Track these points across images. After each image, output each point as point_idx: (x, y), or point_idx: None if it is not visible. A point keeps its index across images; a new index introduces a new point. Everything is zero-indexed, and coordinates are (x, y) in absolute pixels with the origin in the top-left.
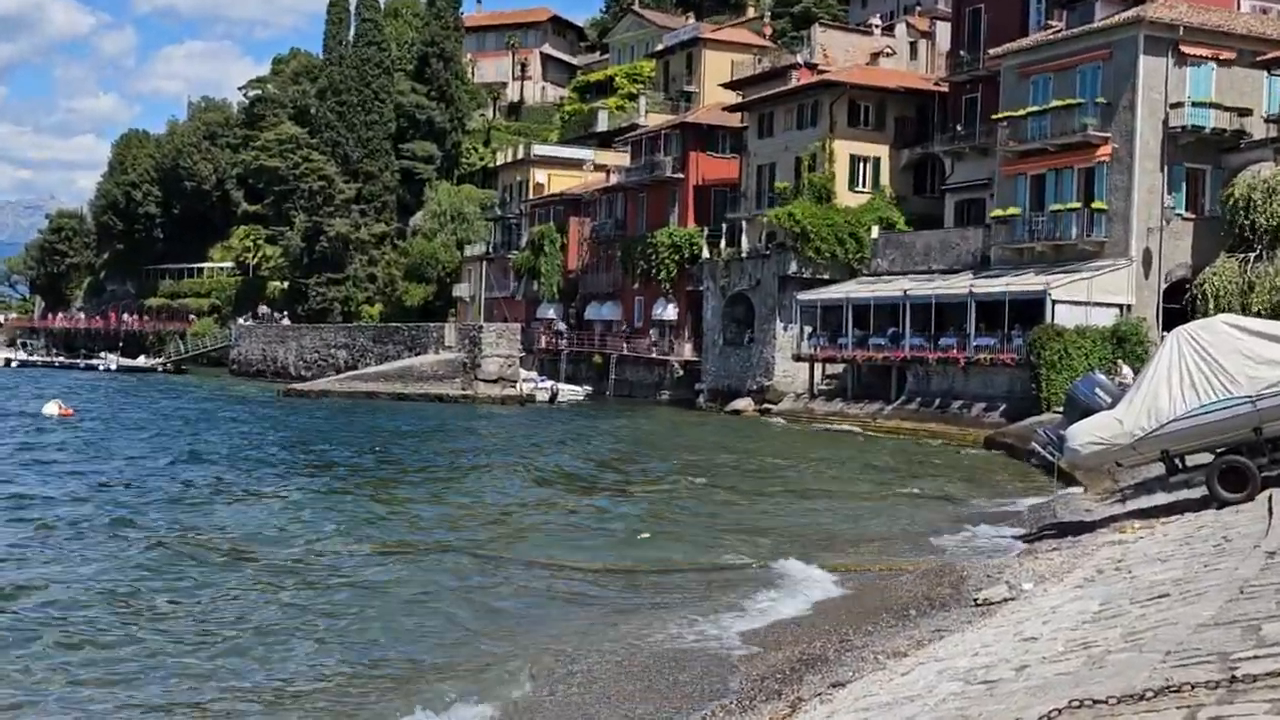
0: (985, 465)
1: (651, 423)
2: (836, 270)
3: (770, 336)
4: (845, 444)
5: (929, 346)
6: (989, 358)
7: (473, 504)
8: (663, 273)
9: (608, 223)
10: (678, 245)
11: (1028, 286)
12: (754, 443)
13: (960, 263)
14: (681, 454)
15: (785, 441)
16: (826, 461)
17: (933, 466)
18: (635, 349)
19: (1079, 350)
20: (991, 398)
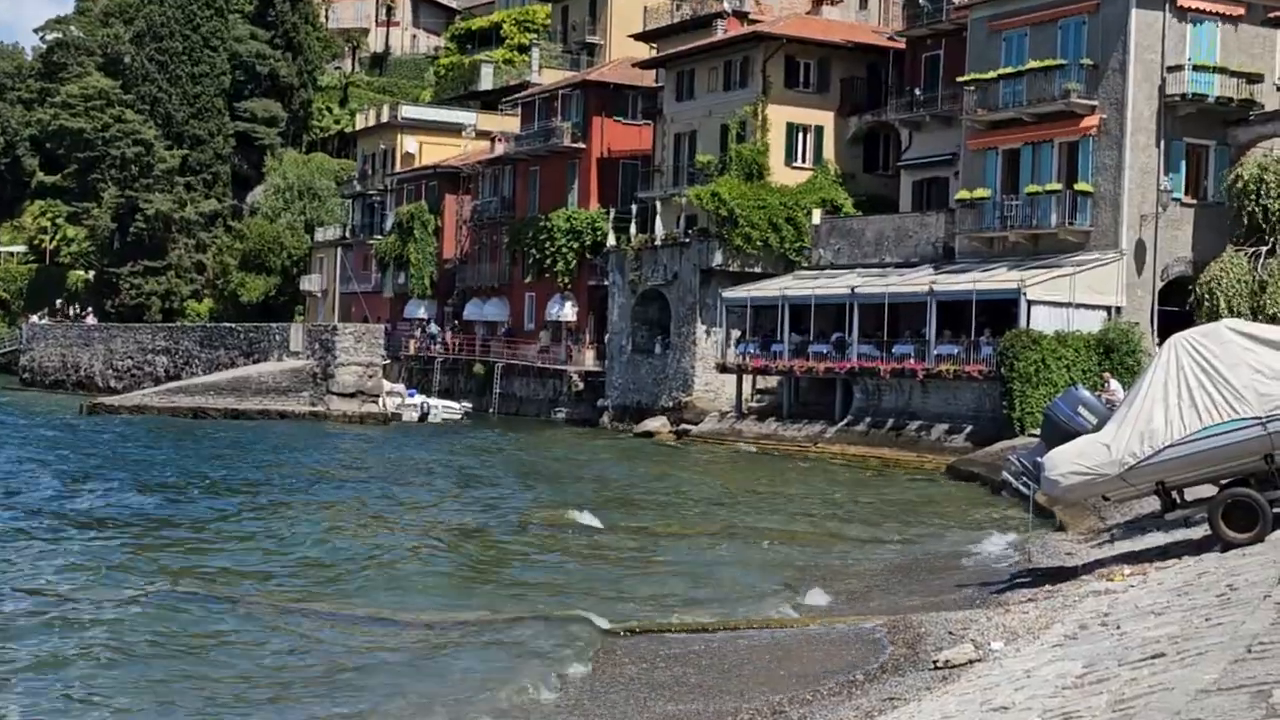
0: (947, 499)
1: (542, 446)
2: (770, 262)
3: (690, 343)
4: (779, 473)
5: (881, 355)
6: (952, 369)
7: (291, 549)
8: (559, 264)
9: (492, 202)
10: (577, 230)
11: (999, 284)
12: (666, 469)
13: (918, 255)
14: (568, 484)
15: (706, 471)
16: (754, 496)
17: (884, 501)
18: (525, 357)
19: (1059, 361)
20: (955, 417)
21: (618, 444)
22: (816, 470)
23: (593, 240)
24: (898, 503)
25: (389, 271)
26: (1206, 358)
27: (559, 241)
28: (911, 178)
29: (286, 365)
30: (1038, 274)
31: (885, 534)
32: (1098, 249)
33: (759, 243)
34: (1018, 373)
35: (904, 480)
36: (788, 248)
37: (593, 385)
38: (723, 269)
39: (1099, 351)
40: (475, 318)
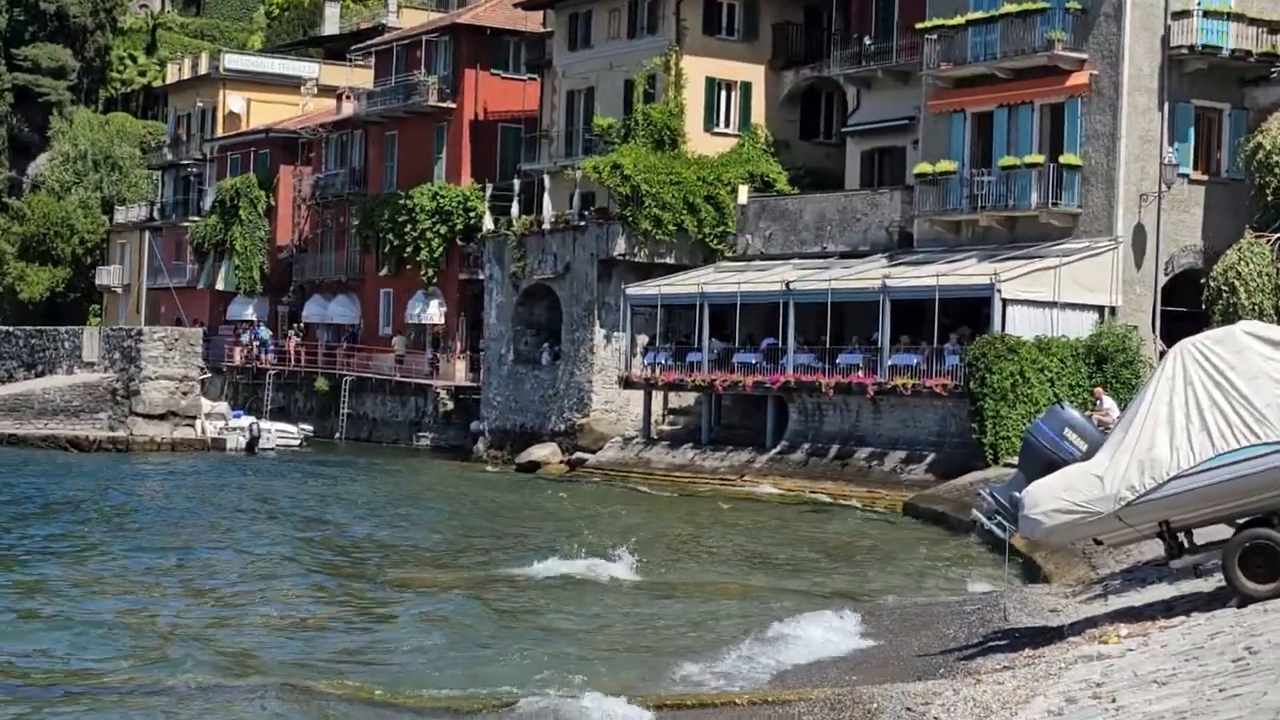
0: (903, 543)
1: (400, 482)
2: (685, 252)
3: (586, 351)
4: (697, 513)
5: (822, 367)
6: (910, 384)
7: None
8: (423, 252)
9: (339, 175)
10: (446, 211)
11: (967, 279)
12: (549, 507)
13: (869, 242)
14: (413, 528)
15: (606, 511)
16: (665, 540)
17: (824, 547)
18: (380, 369)
19: (1041, 373)
20: (914, 443)
21: (494, 477)
22: (743, 509)
23: (465, 224)
24: (843, 548)
25: (208, 262)
26: (1220, 369)
27: (423, 225)
28: (860, 147)
29: (79, 379)
30: (1015, 266)
31: (825, 585)
32: (1088, 236)
33: (671, 227)
34: (990, 388)
35: (851, 520)
36: (707, 233)
37: (465, 404)
38: (627, 259)
39: (1089, 362)
40: (318, 320)
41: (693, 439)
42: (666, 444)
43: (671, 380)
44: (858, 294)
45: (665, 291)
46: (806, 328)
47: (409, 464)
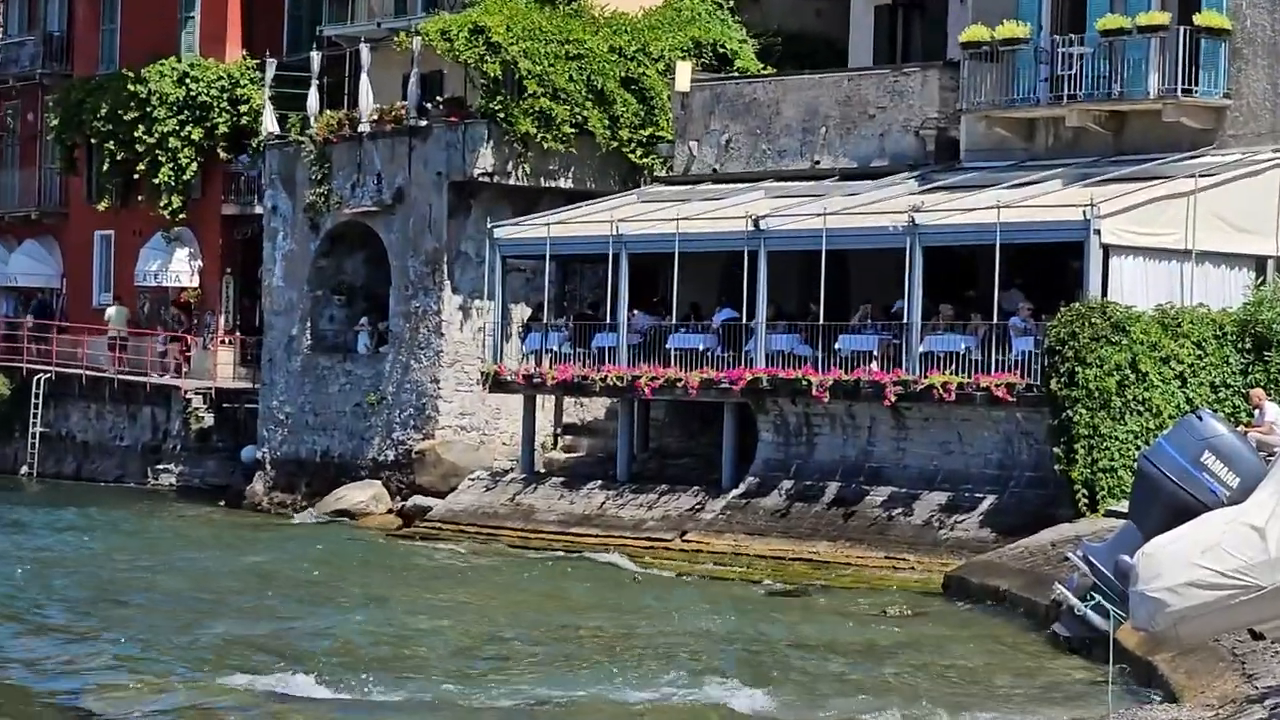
0: (945, 645)
1: (105, 564)
2: (592, 170)
3: (430, 332)
4: (604, 595)
5: (813, 356)
6: (956, 383)
7: None
8: (165, 171)
9: (25, 46)
10: (201, 103)
11: (1047, 213)
12: (363, 592)
13: (889, 153)
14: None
15: (448, 600)
16: (552, 661)
17: (822, 650)
18: (96, 360)
19: (1165, 365)
20: (961, 479)
21: (274, 541)
22: (683, 589)
23: (231, 124)
24: (850, 654)
25: None
26: None
27: (163, 126)
28: (873, 0)
29: None
30: (1123, 193)
31: (832, 714)
32: (1240, 144)
33: (569, 130)
34: (1084, 389)
35: (859, 609)
36: (626, 140)
37: (233, 419)
38: (497, 182)
39: (1242, 347)
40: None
41: (603, 474)
42: (560, 482)
43: (569, 379)
44: (870, 237)
45: (559, 234)
46: (787, 292)
47: (146, 523)
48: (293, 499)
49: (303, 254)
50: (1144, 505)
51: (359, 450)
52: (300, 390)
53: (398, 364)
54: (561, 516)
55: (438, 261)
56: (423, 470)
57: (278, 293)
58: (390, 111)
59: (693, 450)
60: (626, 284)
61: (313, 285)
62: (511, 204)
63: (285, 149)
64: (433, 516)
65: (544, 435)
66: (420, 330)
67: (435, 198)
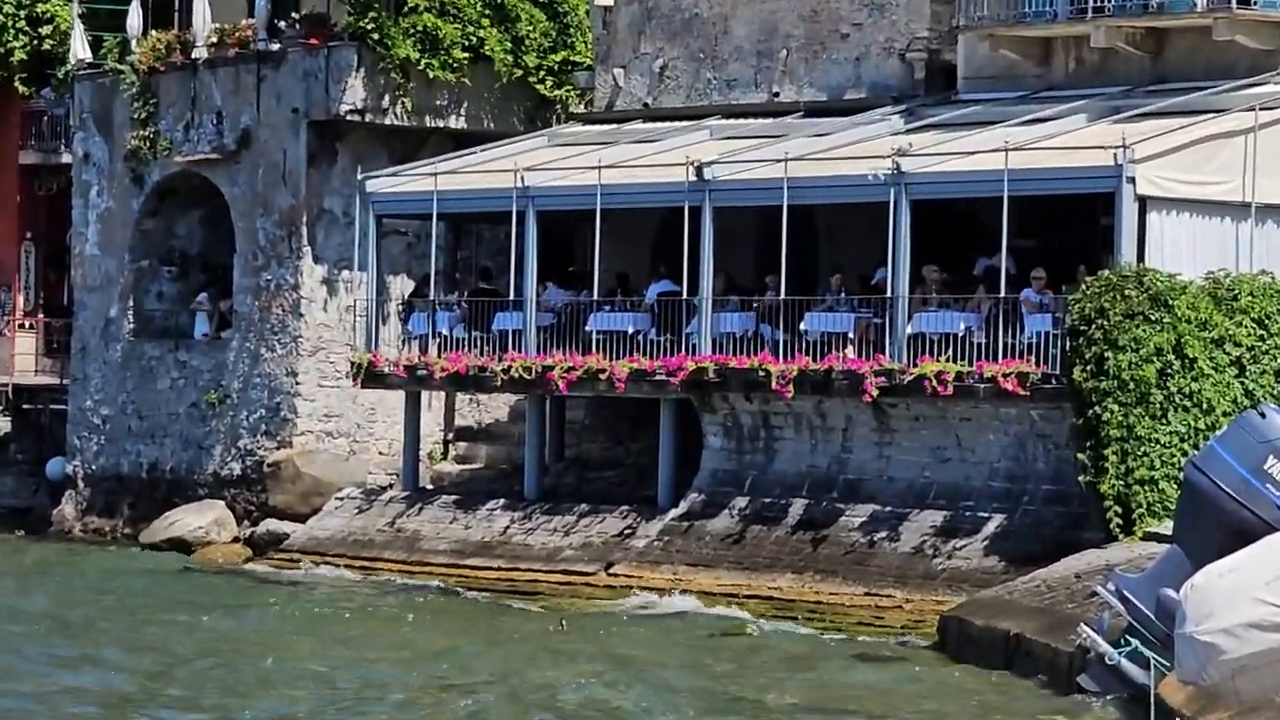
0: (935, 708)
1: None
2: (490, 105)
3: (285, 312)
4: (514, 650)
5: (771, 339)
6: (954, 372)
7: None
8: None
9: None
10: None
11: (1068, 156)
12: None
13: (865, 82)
14: None
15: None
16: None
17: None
18: None
19: (1216, 348)
20: (962, 495)
21: (81, 579)
22: (610, 637)
23: (30, 49)
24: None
25: None
26: None
27: None
28: None
29: None
30: (1162, 131)
31: None
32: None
33: (461, 54)
34: (1115, 378)
35: (832, 660)
36: (534, 67)
37: (35, 423)
38: (370, 122)
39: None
40: None
41: (506, 491)
42: (452, 502)
43: (462, 371)
44: (844, 188)
45: (449, 187)
46: (740, 260)
47: None
48: (112, 524)
49: (123, 213)
50: (1192, 525)
51: (196, 463)
52: (121, 387)
53: (245, 353)
54: (455, 545)
55: (295, 223)
56: (277, 487)
57: (92, 263)
58: (233, 33)
59: (621, 460)
60: (535, 250)
61: (136, 253)
62: (389, 149)
63: (99, 81)
64: (290, 545)
65: (431, 442)
66: (273, 310)
67: (291, 141)
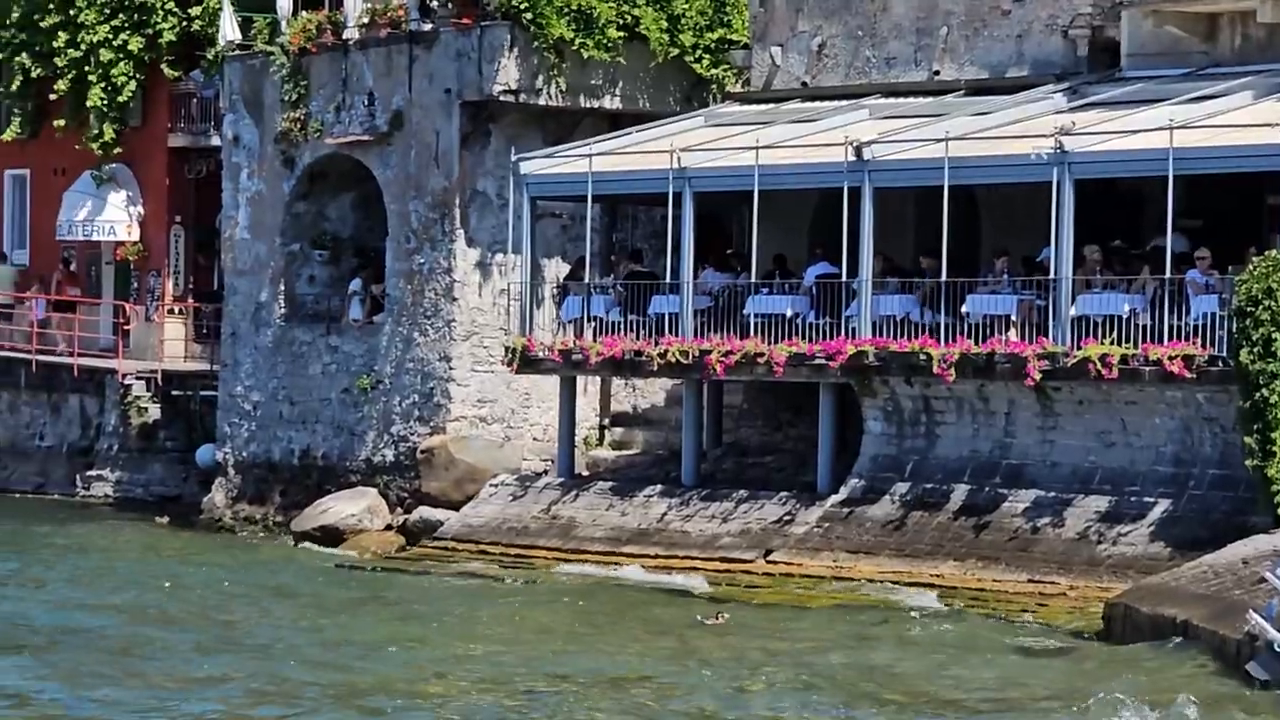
0: (1101, 688)
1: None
2: (645, 85)
3: (439, 296)
4: (660, 640)
5: (933, 321)
6: (1119, 355)
7: None
8: (95, 94)
9: None
10: (141, 4)
11: (1232, 135)
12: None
13: (1027, 60)
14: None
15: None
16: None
17: (942, 701)
18: (8, 336)
19: None
20: (1127, 479)
21: (232, 572)
22: (764, 625)
23: (180, 30)
24: (978, 706)
25: None
26: None
27: (92, 34)
28: None
29: None
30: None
31: None
32: None
33: (616, 34)
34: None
35: (996, 647)
36: (690, 47)
37: (185, 410)
38: (523, 103)
39: None
40: None
41: (663, 477)
42: (608, 488)
43: (618, 355)
44: (1006, 168)
45: (604, 169)
46: (900, 241)
47: (61, 541)
48: (263, 512)
49: (274, 197)
50: None
51: (348, 449)
52: (272, 373)
53: (397, 337)
54: (610, 532)
55: (448, 205)
56: (431, 474)
57: (242, 247)
58: (384, 12)
59: (779, 445)
60: (691, 232)
61: (287, 237)
62: (542, 130)
63: (249, 63)
64: (444, 534)
65: (586, 428)
66: (426, 294)
67: (444, 123)
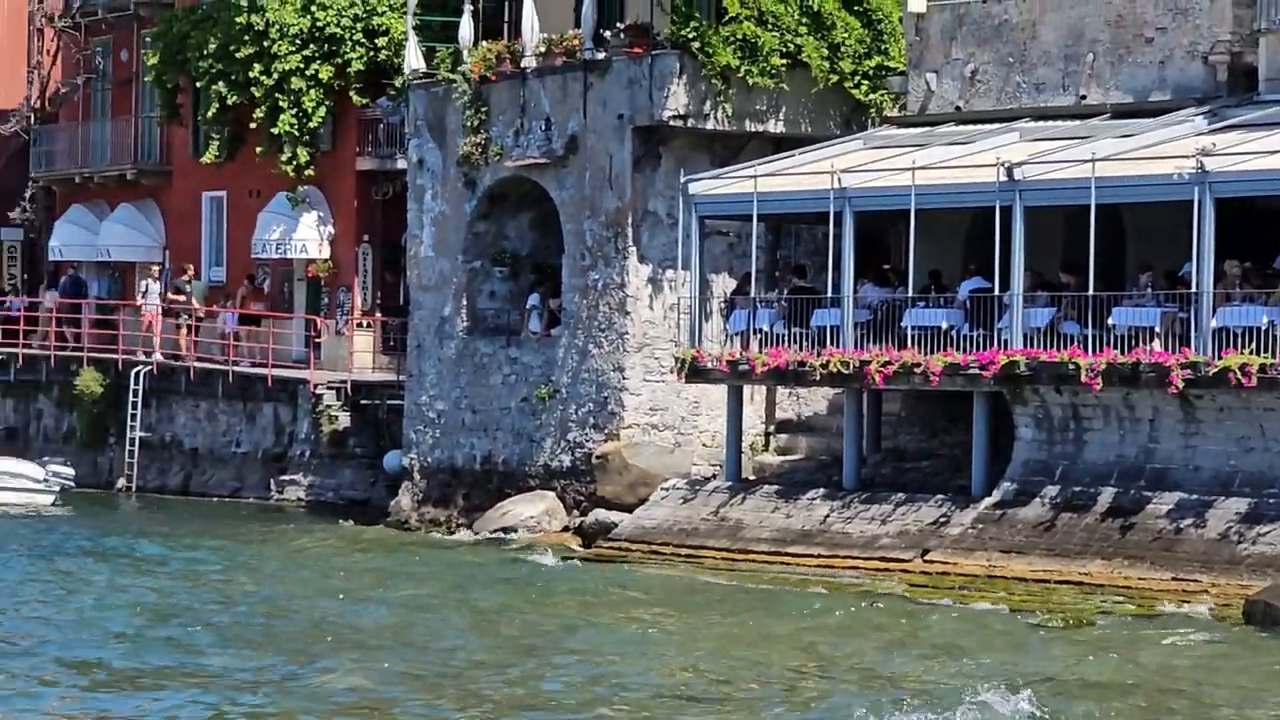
0: (1247, 690)
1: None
2: (807, 110)
3: (611, 310)
4: (834, 626)
5: (1080, 334)
6: (1258, 364)
7: None
8: (286, 119)
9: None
10: (330, 36)
11: None
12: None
13: (1170, 85)
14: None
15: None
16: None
17: (1097, 688)
18: (201, 349)
19: None
20: (1263, 483)
21: (424, 570)
22: (918, 618)
23: (367, 61)
24: (1129, 692)
25: None
26: None
27: (284, 63)
28: None
29: None
30: None
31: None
32: None
33: (780, 61)
34: None
35: (1145, 637)
36: (849, 73)
37: (373, 418)
38: (691, 126)
39: None
40: (81, 255)
41: (825, 481)
42: (774, 492)
43: (783, 366)
44: (1150, 187)
45: (769, 189)
46: (1048, 257)
47: (261, 542)
48: (447, 514)
49: (456, 217)
50: None
51: (527, 455)
52: (455, 383)
53: (573, 349)
54: (776, 533)
55: (621, 224)
56: (605, 478)
57: (426, 264)
58: (560, 42)
59: (935, 451)
60: (851, 249)
61: (469, 255)
62: (710, 153)
63: (433, 90)
64: (618, 535)
65: (753, 434)
66: (600, 308)
67: (616, 146)
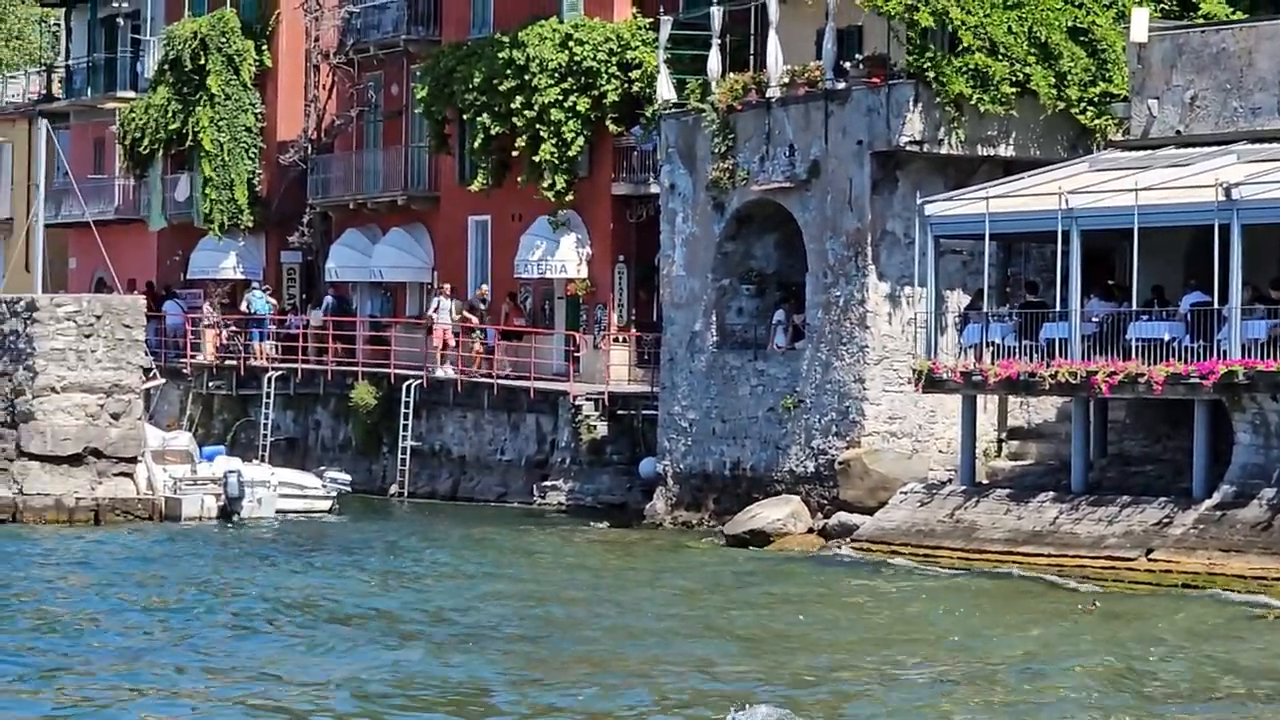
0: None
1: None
2: (1035, 135)
3: (853, 324)
4: (1054, 623)
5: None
6: None
7: None
8: (547, 148)
9: (389, 9)
10: (587, 69)
11: None
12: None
13: None
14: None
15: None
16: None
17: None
18: (466, 366)
19: None
20: None
21: (677, 568)
22: (1138, 611)
23: (621, 92)
24: None
25: (153, 174)
26: None
27: (545, 96)
28: None
29: None
30: None
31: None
32: None
33: (1009, 89)
34: None
35: None
36: (1075, 100)
37: (629, 428)
38: (927, 152)
39: None
40: (355, 276)
41: (1054, 485)
42: (1006, 495)
43: (1014, 376)
44: None
45: (1000, 210)
46: (1265, 272)
47: (528, 543)
48: (698, 518)
49: (706, 237)
50: None
51: (774, 461)
52: (706, 393)
53: (817, 361)
54: (1008, 534)
55: (860, 244)
56: (847, 483)
57: (678, 282)
58: (803, 73)
59: (1158, 456)
60: (1079, 265)
61: (718, 273)
62: (944, 176)
63: (683, 119)
64: (860, 536)
65: (986, 441)
66: (842, 322)
67: (856, 171)
